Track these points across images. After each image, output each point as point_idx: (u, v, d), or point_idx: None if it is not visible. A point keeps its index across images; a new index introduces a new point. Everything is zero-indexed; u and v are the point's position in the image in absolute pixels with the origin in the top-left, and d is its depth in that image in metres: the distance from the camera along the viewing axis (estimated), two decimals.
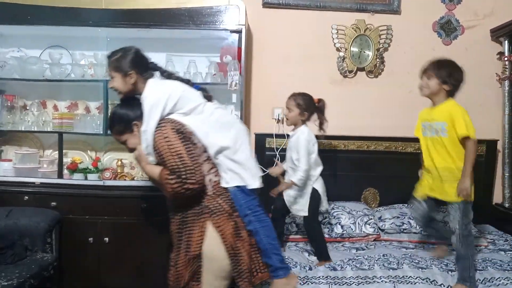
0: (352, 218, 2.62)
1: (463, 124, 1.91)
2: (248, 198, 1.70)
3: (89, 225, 2.48)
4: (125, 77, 1.72)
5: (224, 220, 1.66)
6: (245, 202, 1.69)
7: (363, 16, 2.97)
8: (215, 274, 1.66)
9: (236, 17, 2.52)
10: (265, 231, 1.70)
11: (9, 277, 1.98)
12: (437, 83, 1.98)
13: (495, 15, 2.99)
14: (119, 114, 1.76)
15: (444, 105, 2.00)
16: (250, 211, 1.69)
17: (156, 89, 1.70)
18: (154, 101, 1.66)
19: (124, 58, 1.72)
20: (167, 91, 1.68)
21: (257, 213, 1.70)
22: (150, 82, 1.73)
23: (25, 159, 2.76)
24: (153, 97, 1.67)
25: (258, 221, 1.70)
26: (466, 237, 1.94)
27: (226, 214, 1.67)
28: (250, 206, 1.70)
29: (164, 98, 1.65)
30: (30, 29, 2.66)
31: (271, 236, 1.72)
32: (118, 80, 1.73)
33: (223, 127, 1.73)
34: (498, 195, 3.00)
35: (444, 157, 1.99)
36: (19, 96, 2.88)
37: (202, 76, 2.75)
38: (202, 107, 1.74)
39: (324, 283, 1.93)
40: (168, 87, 1.72)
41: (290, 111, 2.22)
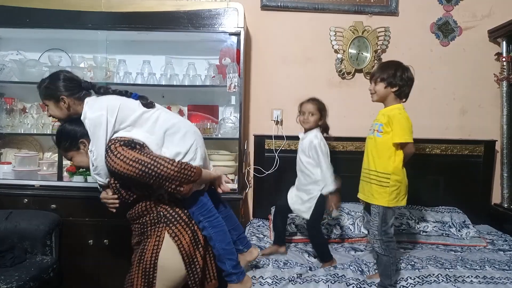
0: (351, 219, 2.63)
1: (398, 130, 1.85)
2: (200, 204, 1.69)
3: (89, 227, 2.49)
4: (57, 103, 1.70)
5: (181, 229, 1.66)
6: (197, 209, 1.68)
7: (361, 18, 2.98)
8: (169, 285, 1.67)
9: (235, 19, 2.53)
10: (219, 236, 1.70)
11: (8, 280, 1.98)
12: (383, 86, 1.93)
13: (492, 16, 3.00)
14: (66, 130, 1.73)
15: (388, 108, 1.94)
16: (203, 217, 1.68)
17: (94, 108, 1.66)
18: (95, 120, 1.63)
19: (53, 85, 1.69)
20: (105, 107, 1.64)
21: (210, 218, 1.70)
22: (86, 102, 1.69)
23: (24, 161, 2.76)
24: (92, 117, 1.64)
25: (212, 226, 1.69)
26: (387, 243, 1.89)
27: (183, 223, 1.67)
28: (203, 212, 1.69)
29: (104, 115, 1.62)
30: (29, 32, 2.67)
31: (225, 241, 1.71)
32: (52, 108, 1.72)
33: (171, 133, 1.70)
34: (497, 195, 3.00)
35: (373, 157, 1.94)
36: (18, 99, 2.89)
37: (201, 78, 2.76)
38: (145, 116, 1.70)
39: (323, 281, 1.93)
40: (104, 103, 1.67)
41: (312, 115, 2.21)
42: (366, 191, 1.98)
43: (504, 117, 2.93)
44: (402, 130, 1.86)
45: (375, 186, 1.92)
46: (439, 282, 1.93)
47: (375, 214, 1.91)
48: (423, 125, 2.97)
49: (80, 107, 1.69)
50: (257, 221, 2.89)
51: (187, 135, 1.73)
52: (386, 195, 1.88)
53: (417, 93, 2.94)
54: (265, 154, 2.92)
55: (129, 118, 1.67)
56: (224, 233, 1.72)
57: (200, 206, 1.69)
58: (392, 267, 1.89)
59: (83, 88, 1.74)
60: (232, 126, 2.76)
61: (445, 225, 2.64)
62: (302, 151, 2.25)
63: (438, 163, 2.92)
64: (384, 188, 1.88)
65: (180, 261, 1.65)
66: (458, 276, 2.00)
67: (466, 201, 2.89)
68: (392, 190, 1.88)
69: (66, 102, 1.69)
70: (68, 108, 1.70)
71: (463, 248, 2.47)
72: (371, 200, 1.94)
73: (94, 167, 1.66)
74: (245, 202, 2.95)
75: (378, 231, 1.90)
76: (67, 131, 1.73)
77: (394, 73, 1.91)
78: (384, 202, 1.89)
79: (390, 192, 1.88)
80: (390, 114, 1.90)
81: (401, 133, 1.86)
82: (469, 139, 2.99)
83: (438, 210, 2.77)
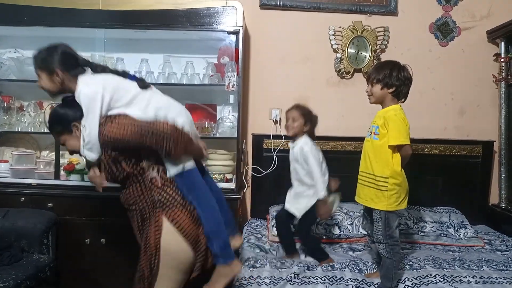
0: (350, 219, 2.63)
1: (395, 132, 1.82)
2: (187, 183, 1.65)
3: (85, 226, 2.48)
4: (51, 76, 1.66)
5: (178, 212, 1.63)
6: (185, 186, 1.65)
7: (360, 18, 2.98)
8: (174, 268, 1.64)
9: (234, 18, 2.52)
10: (206, 215, 1.65)
11: (5, 278, 1.96)
12: (379, 88, 1.89)
13: (491, 16, 3.00)
14: (58, 113, 1.70)
15: (384, 110, 1.91)
16: (191, 196, 1.64)
17: (89, 83, 1.64)
18: (91, 95, 1.60)
19: (50, 57, 1.66)
20: (101, 84, 1.63)
21: (198, 197, 1.65)
22: (81, 79, 1.67)
23: (21, 160, 2.75)
24: (88, 91, 1.61)
25: (199, 205, 1.65)
26: (392, 246, 1.88)
27: (178, 205, 1.64)
28: (191, 190, 1.65)
29: (100, 91, 1.60)
30: (27, 30, 2.66)
31: (213, 221, 1.65)
32: (45, 79, 1.68)
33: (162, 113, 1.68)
34: (495, 196, 3.01)
35: (370, 160, 1.91)
36: (16, 97, 2.87)
37: (200, 77, 2.75)
38: (139, 96, 1.69)
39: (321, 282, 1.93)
40: (101, 80, 1.66)
41: (294, 121, 2.19)
42: (364, 194, 1.96)
43: (502, 117, 2.93)
44: (398, 132, 1.82)
45: (373, 190, 1.89)
46: (436, 283, 1.94)
47: (378, 219, 1.89)
48: (422, 125, 2.98)
49: (73, 84, 1.66)
50: (255, 220, 2.89)
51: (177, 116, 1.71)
52: (385, 199, 1.86)
53: (416, 94, 2.96)
54: (263, 154, 2.91)
55: (124, 98, 1.66)
56: (212, 212, 1.67)
57: (188, 184, 1.65)
58: (395, 270, 1.89)
59: (80, 65, 1.71)
60: (230, 125, 2.76)
61: (443, 225, 2.64)
62: (295, 160, 2.23)
63: (436, 163, 2.92)
64: (382, 192, 1.86)
65: (183, 243, 1.62)
66: (455, 276, 2.00)
67: (464, 201, 2.90)
68: (391, 194, 1.85)
69: (60, 76, 1.65)
70: (61, 82, 1.66)
71: (461, 248, 2.48)
72: (370, 204, 1.92)
73: (86, 142, 1.63)
74: (243, 201, 2.95)
75: (383, 235, 1.88)
76: (59, 114, 1.70)
77: (390, 73, 1.87)
78: (383, 206, 1.86)
79: (389, 196, 1.85)
80: (386, 116, 1.87)
81: (396, 135, 1.82)
82: (467, 140, 2.99)
83: (436, 211, 2.77)
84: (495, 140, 2.97)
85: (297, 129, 2.20)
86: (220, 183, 2.63)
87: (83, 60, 1.73)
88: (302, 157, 2.17)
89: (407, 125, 1.86)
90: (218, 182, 2.64)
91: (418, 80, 2.92)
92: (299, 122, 2.19)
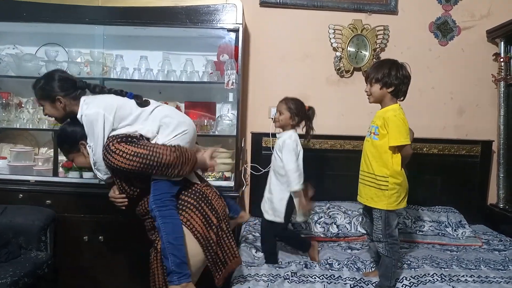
0: (348, 218, 2.63)
1: (395, 132, 1.81)
2: (157, 192, 1.65)
3: (84, 223, 2.48)
4: (53, 103, 1.70)
5: (191, 214, 1.68)
6: (153, 196, 1.65)
7: (360, 16, 2.97)
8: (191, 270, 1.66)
9: (233, 15, 2.52)
10: (167, 229, 1.63)
11: (3, 275, 1.97)
12: (378, 87, 1.88)
13: (491, 16, 3.00)
14: (66, 133, 1.74)
15: (383, 110, 1.90)
16: (155, 206, 1.64)
17: (90, 106, 1.67)
18: (92, 117, 1.63)
19: (48, 85, 1.69)
20: (102, 105, 1.66)
21: (161, 208, 1.64)
22: (82, 101, 1.70)
23: (20, 157, 2.75)
24: (89, 113, 1.64)
25: (161, 216, 1.64)
26: (392, 245, 1.87)
27: (192, 207, 1.69)
28: (157, 201, 1.64)
29: (101, 112, 1.63)
30: (26, 26, 2.65)
31: (172, 236, 1.62)
32: (49, 108, 1.72)
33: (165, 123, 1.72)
34: (493, 196, 3.01)
35: (370, 160, 1.91)
36: (14, 94, 2.86)
37: (199, 74, 2.75)
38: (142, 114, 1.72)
39: (319, 281, 1.93)
40: (102, 101, 1.69)
41: (281, 114, 2.19)
42: (365, 194, 1.96)
43: (501, 117, 2.93)
44: (398, 132, 1.82)
45: (374, 190, 1.89)
46: (434, 282, 1.94)
47: (378, 218, 1.89)
48: (421, 124, 2.96)
49: (76, 106, 1.69)
50: (254, 219, 2.88)
51: (180, 125, 1.73)
52: (385, 199, 1.86)
53: (415, 93, 2.97)
54: (262, 152, 2.91)
55: (129, 117, 1.70)
56: (173, 226, 1.64)
57: (157, 194, 1.66)
58: (394, 269, 1.89)
59: (78, 88, 1.74)
60: (229, 123, 2.75)
61: (441, 224, 2.65)
62: (276, 150, 2.21)
63: (435, 163, 2.93)
64: (383, 191, 1.86)
65: (196, 245, 1.66)
66: (453, 275, 2.01)
67: (463, 201, 2.90)
68: (392, 193, 1.85)
69: (62, 102, 1.70)
70: (64, 108, 1.71)
71: (459, 248, 2.48)
72: (371, 203, 1.92)
73: (93, 162, 1.69)
74: (241, 200, 2.94)
75: (382, 234, 1.88)
76: (67, 133, 1.74)
77: (388, 72, 1.86)
78: (384, 205, 1.86)
79: (390, 195, 1.85)
80: (385, 116, 1.86)
81: (397, 136, 1.82)
82: (466, 139, 3.00)
83: (435, 210, 2.78)
84: (494, 140, 2.97)
85: (283, 122, 2.19)
86: (218, 181, 2.63)
87: (81, 82, 1.76)
88: (280, 148, 2.16)
89: (406, 125, 1.86)
90: (217, 180, 2.64)
91: (418, 79, 2.94)
92: (285, 115, 2.18)
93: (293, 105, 2.18)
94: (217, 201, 1.79)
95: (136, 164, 1.58)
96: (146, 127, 1.71)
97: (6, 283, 1.92)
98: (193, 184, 1.77)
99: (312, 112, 2.24)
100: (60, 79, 1.71)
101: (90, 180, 2.58)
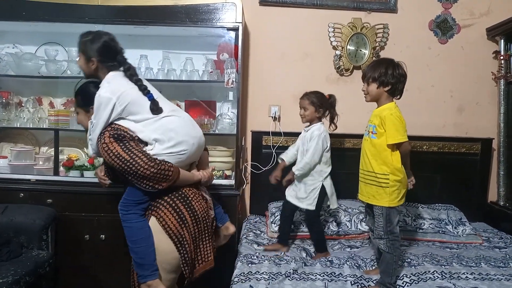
0: (348, 216, 2.63)
1: (392, 131, 1.83)
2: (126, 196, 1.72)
3: (85, 222, 2.48)
4: (87, 60, 1.76)
5: (166, 211, 1.70)
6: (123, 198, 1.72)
7: (360, 15, 2.97)
8: (165, 267, 1.71)
9: (233, 14, 2.52)
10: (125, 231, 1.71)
11: (4, 274, 1.97)
12: (375, 87, 1.90)
13: (491, 14, 3.00)
14: (88, 90, 1.80)
15: (380, 109, 1.92)
16: (120, 208, 1.72)
17: (109, 89, 1.69)
18: (104, 100, 1.67)
19: (92, 43, 1.74)
20: (117, 93, 1.68)
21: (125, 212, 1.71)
22: (108, 77, 1.74)
23: (20, 156, 2.75)
24: (103, 96, 1.68)
25: (123, 220, 1.71)
26: (393, 241, 1.89)
27: (166, 205, 1.71)
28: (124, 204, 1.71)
29: (113, 100, 1.67)
30: (26, 25, 2.65)
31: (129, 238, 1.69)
32: (82, 61, 1.79)
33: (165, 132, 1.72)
34: (493, 193, 3.02)
35: (369, 158, 1.92)
36: (15, 93, 2.86)
37: (199, 73, 2.75)
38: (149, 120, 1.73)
39: (320, 279, 1.93)
40: (120, 87, 1.70)
41: (306, 110, 2.25)
42: (366, 192, 1.97)
43: (501, 115, 2.94)
44: (396, 130, 1.84)
45: (375, 187, 1.91)
46: (434, 279, 1.94)
47: (379, 215, 1.90)
48: (421, 122, 2.98)
49: (104, 75, 1.75)
50: (254, 217, 2.90)
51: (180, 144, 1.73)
52: (386, 196, 1.87)
53: (415, 91, 2.97)
54: (262, 151, 2.92)
55: (137, 115, 1.72)
56: (131, 229, 1.69)
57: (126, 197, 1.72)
58: (394, 265, 1.89)
59: (116, 61, 1.77)
60: (229, 122, 2.75)
61: (442, 222, 2.65)
62: (303, 143, 2.29)
63: (435, 160, 2.93)
64: (384, 188, 1.87)
65: (169, 242, 1.68)
66: (453, 272, 2.01)
67: (463, 198, 2.91)
68: (393, 190, 1.87)
69: (94, 64, 1.75)
70: (94, 69, 1.77)
71: (459, 245, 2.49)
72: (372, 201, 1.93)
73: (90, 136, 1.75)
74: (242, 198, 2.95)
75: (384, 231, 1.89)
76: (88, 90, 1.79)
77: (385, 71, 1.88)
78: (385, 202, 1.88)
79: (390, 192, 1.87)
80: (382, 115, 1.88)
81: (394, 133, 1.84)
82: (466, 137, 3.00)
83: (435, 208, 2.78)
84: (494, 138, 2.98)
85: (309, 117, 2.27)
86: (219, 179, 2.64)
87: (121, 58, 1.79)
88: (308, 140, 2.24)
89: (403, 122, 1.87)
90: (218, 178, 2.64)
91: (417, 77, 2.96)
92: (310, 110, 2.25)
93: (315, 98, 2.25)
94: (198, 202, 1.78)
95: (115, 164, 1.64)
96: (147, 132, 1.71)
97: (8, 282, 1.92)
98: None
99: (334, 99, 2.32)
100: (105, 44, 1.75)
101: (91, 179, 2.58)
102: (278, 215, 2.59)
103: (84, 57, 1.76)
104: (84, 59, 1.76)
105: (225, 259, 1.93)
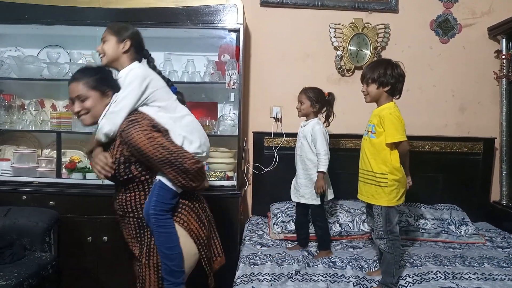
0: (350, 216, 2.63)
1: (391, 130, 1.84)
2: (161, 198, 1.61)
3: (87, 224, 2.48)
4: (120, 42, 1.68)
5: (187, 215, 1.67)
6: (155, 200, 1.60)
7: (361, 15, 2.97)
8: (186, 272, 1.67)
9: (234, 16, 2.52)
10: (160, 238, 1.61)
11: (7, 276, 1.97)
12: (375, 87, 1.91)
13: (492, 13, 2.99)
14: (104, 70, 1.71)
15: (379, 108, 1.94)
16: (153, 211, 1.60)
17: (143, 69, 1.70)
18: (142, 76, 1.63)
19: (126, 30, 1.72)
20: (152, 76, 1.68)
21: (159, 216, 1.60)
22: (135, 63, 1.72)
23: (23, 158, 2.76)
24: (140, 71, 1.66)
25: (157, 225, 1.60)
26: (393, 241, 1.89)
27: (187, 208, 1.68)
28: (157, 207, 1.60)
29: (149, 79, 1.65)
30: (28, 28, 2.66)
31: (165, 245, 1.61)
32: (112, 43, 1.68)
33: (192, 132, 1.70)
34: (496, 193, 3.01)
35: (368, 158, 1.93)
36: (17, 96, 2.88)
37: (201, 75, 2.75)
38: (178, 108, 1.72)
39: (322, 280, 1.93)
40: (152, 75, 1.70)
41: (302, 104, 2.31)
42: (365, 191, 1.97)
43: (503, 114, 2.93)
44: (395, 129, 1.85)
45: (374, 187, 1.91)
46: (437, 279, 1.94)
47: (378, 215, 1.91)
48: (422, 122, 2.98)
49: (126, 63, 1.70)
50: (256, 218, 2.90)
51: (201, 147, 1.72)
52: (385, 195, 1.87)
53: (417, 90, 2.97)
54: (264, 151, 2.92)
55: (163, 100, 1.68)
56: (168, 235, 1.62)
57: (160, 200, 1.61)
58: (395, 265, 1.89)
59: (143, 53, 1.78)
60: (231, 123, 2.76)
61: (444, 222, 2.64)
62: (304, 137, 2.31)
63: (437, 160, 2.92)
64: (383, 188, 1.88)
65: (193, 245, 1.66)
66: (456, 273, 2.01)
67: (465, 198, 2.90)
68: (391, 190, 1.87)
69: (125, 48, 1.69)
70: (122, 52, 1.68)
71: (462, 245, 2.48)
72: (371, 200, 1.94)
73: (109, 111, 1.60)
74: (244, 199, 2.95)
75: (383, 231, 1.89)
76: (106, 72, 1.71)
77: (384, 72, 1.89)
78: (384, 202, 1.88)
79: (389, 191, 1.87)
80: (381, 115, 1.89)
81: (393, 133, 1.85)
82: (468, 137, 2.99)
83: (437, 208, 2.78)
84: (496, 137, 2.97)
85: (304, 111, 2.32)
86: (221, 181, 2.64)
87: (146, 51, 1.80)
88: (312, 134, 2.27)
89: (402, 122, 1.88)
90: (219, 180, 2.65)
91: (419, 77, 2.96)
92: (306, 104, 2.30)
93: (311, 94, 2.30)
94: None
95: (158, 154, 1.53)
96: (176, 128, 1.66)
97: (11, 284, 1.92)
98: None
99: (332, 97, 2.36)
100: (138, 33, 1.76)
101: (93, 181, 2.59)
102: (280, 216, 2.59)
103: (116, 38, 1.68)
104: (116, 41, 1.68)
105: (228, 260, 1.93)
